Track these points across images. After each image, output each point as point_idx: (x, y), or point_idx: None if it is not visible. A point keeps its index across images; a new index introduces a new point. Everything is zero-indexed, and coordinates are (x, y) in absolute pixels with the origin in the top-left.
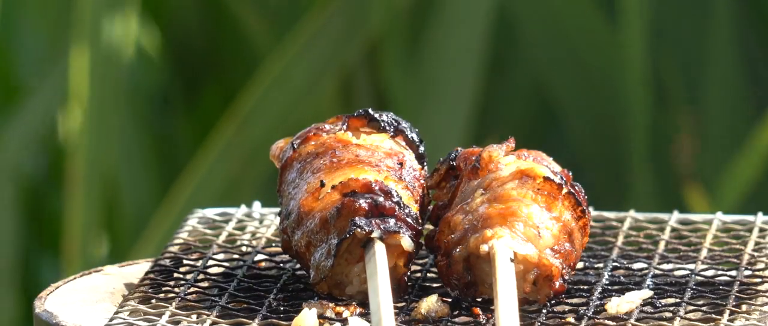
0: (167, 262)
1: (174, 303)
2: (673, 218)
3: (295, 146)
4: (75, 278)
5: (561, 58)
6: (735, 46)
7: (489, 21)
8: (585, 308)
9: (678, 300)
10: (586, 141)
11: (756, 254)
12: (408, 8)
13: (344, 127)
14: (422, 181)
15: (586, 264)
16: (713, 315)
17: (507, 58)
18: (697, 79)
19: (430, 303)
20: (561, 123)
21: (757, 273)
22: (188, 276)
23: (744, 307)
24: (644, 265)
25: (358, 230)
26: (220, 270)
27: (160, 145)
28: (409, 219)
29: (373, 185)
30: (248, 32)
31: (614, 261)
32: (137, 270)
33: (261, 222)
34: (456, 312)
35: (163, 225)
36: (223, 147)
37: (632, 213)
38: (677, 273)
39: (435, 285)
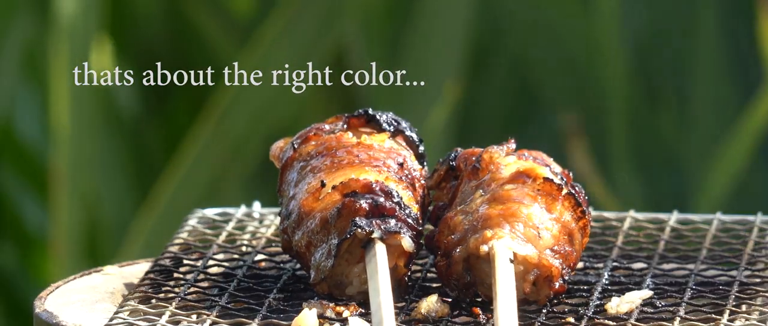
0: (167, 262)
1: (174, 303)
2: (673, 218)
3: (296, 146)
4: (75, 278)
5: (545, 50)
6: (721, 38)
7: (471, 14)
8: (585, 308)
9: (678, 300)
10: (571, 134)
11: (756, 254)
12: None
13: (344, 126)
14: (422, 181)
15: (586, 264)
16: (713, 315)
17: (490, 53)
18: (683, 71)
19: (430, 303)
20: (546, 117)
21: (757, 273)
22: (188, 276)
23: (744, 307)
24: (644, 265)
25: (359, 230)
26: (220, 270)
27: (137, 154)
28: (409, 220)
29: (374, 185)
30: (211, 40)
31: (614, 261)
32: (137, 270)
33: (261, 222)
34: (456, 312)
35: (144, 229)
36: (200, 147)
37: (632, 213)
38: (677, 273)
39: (435, 285)
